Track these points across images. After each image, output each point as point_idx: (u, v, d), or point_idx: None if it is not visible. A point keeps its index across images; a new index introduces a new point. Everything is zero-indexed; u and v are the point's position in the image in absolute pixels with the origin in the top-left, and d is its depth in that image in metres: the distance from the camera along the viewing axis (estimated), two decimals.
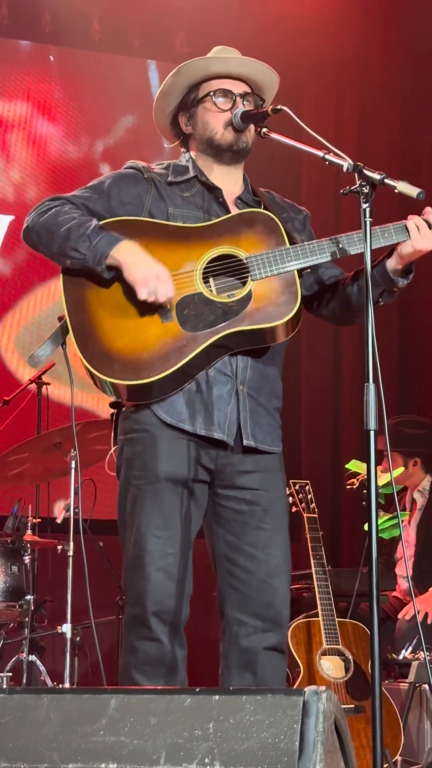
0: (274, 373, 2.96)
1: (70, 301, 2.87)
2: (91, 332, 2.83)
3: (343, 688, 4.24)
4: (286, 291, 2.83)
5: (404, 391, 6.77)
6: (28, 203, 6.89)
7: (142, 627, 2.80)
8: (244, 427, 2.86)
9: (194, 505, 2.86)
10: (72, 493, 4.54)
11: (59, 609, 4.66)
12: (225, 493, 2.89)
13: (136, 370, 2.78)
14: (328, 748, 1.72)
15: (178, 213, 2.93)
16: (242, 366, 2.87)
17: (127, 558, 2.86)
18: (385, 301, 2.96)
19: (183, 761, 1.71)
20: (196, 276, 2.84)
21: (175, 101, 3.04)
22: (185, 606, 2.83)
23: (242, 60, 3.00)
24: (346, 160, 2.69)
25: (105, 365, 2.79)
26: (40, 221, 2.89)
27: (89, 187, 2.99)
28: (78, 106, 7.12)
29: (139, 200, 2.94)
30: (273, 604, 2.86)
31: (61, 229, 2.83)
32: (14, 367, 6.79)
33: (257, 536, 2.87)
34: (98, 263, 2.80)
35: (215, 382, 2.84)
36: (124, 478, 2.90)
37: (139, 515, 2.83)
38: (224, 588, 2.90)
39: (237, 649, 2.86)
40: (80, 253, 2.81)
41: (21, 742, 1.78)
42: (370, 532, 2.51)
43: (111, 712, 1.78)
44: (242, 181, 3.06)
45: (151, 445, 2.84)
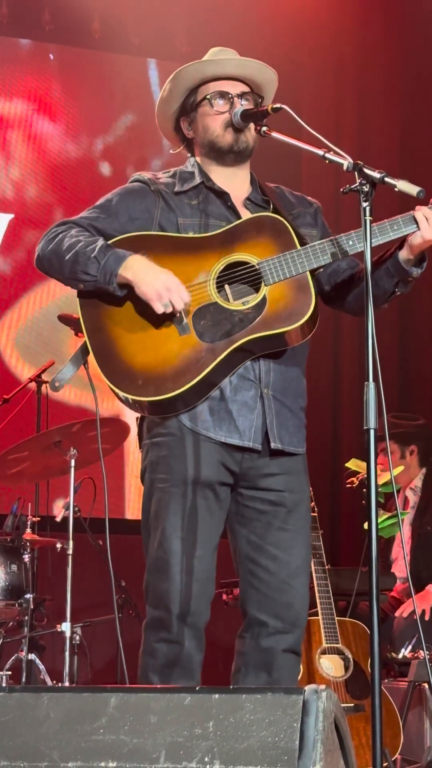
0: (297, 374, 2.96)
1: (88, 322, 2.89)
2: (111, 351, 2.85)
3: (342, 687, 4.24)
4: (301, 292, 2.84)
5: (404, 391, 6.77)
6: (28, 201, 6.89)
7: (164, 630, 2.81)
8: (271, 430, 2.86)
9: (218, 508, 2.87)
10: (71, 492, 4.53)
11: (59, 608, 4.66)
12: (249, 494, 2.90)
13: (159, 385, 2.80)
14: (328, 747, 1.72)
15: (188, 223, 2.93)
16: (265, 369, 2.88)
17: (151, 560, 2.87)
18: (401, 291, 2.96)
19: (183, 760, 1.71)
20: (209, 286, 2.85)
21: (175, 106, 3.04)
22: (207, 608, 2.85)
23: (239, 60, 3.00)
24: (346, 159, 2.69)
25: (127, 383, 2.82)
26: (48, 249, 2.90)
27: (96, 206, 3.00)
28: (78, 104, 7.12)
29: (148, 214, 2.94)
30: (293, 605, 2.88)
31: (69, 255, 2.85)
32: (14, 365, 6.78)
33: (280, 537, 2.88)
34: (109, 283, 2.81)
35: (239, 389, 2.85)
36: (148, 481, 2.91)
37: (163, 518, 2.84)
38: (246, 588, 2.92)
39: (256, 649, 2.88)
40: (90, 275, 2.82)
41: (21, 740, 1.78)
42: (370, 531, 2.51)
43: (111, 711, 1.78)
44: (249, 181, 3.06)
45: (177, 448, 2.85)
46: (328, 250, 2.86)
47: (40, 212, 6.89)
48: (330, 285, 3.05)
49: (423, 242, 2.85)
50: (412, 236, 2.86)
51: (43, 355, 6.43)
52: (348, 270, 3.04)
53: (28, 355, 6.76)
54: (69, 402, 6.44)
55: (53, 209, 6.91)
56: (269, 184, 3.09)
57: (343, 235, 2.87)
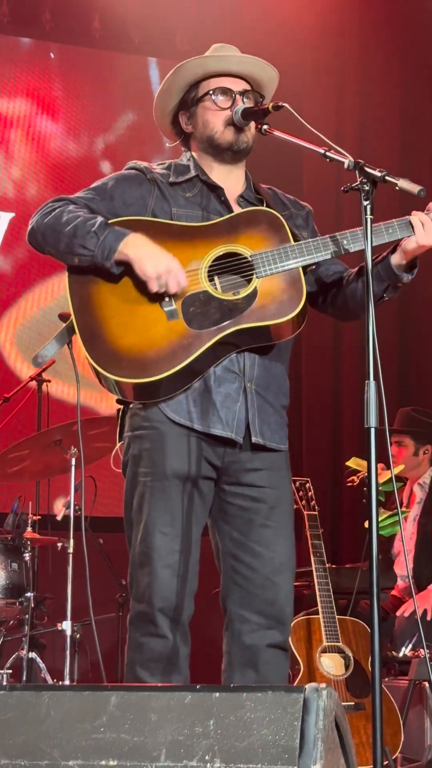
0: (281, 371, 2.96)
1: (75, 300, 2.86)
2: (98, 331, 2.82)
3: (343, 685, 4.24)
4: (292, 288, 2.83)
5: (404, 389, 6.77)
6: (29, 200, 6.89)
7: (148, 623, 2.80)
8: (252, 424, 2.86)
9: (201, 502, 2.86)
10: (72, 491, 4.54)
11: (59, 606, 4.67)
12: (231, 490, 2.89)
13: (143, 368, 2.78)
14: (329, 746, 1.72)
15: (181, 213, 2.93)
16: (249, 363, 2.87)
17: (134, 554, 2.86)
18: (389, 296, 2.96)
19: (183, 758, 1.71)
20: (201, 274, 2.84)
21: (175, 100, 3.03)
22: (190, 603, 2.83)
23: (241, 57, 2.99)
24: (347, 157, 2.69)
25: (111, 364, 2.79)
26: (44, 222, 2.88)
27: (92, 188, 2.99)
28: (78, 103, 7.12)
29: (143, 201, 2.94)
30: (276, 602, 2.86)
31: (67, 228, 2.83)
32: (14, 364, 6.79)
33: (262, 534, 2.87)
34: (107, 258, 2.80)
35: (223, 380, 2.84)
36: (131, 475, 2.90)
37: (146, 512, 2.83)
38: (228, 585, 2.90)
39: (240, 646, 2.86)
40: (88, 249, 2.80)
41: (21, 739, 1.78)
42: (371, 529, 2.51)
43: (111, 709, 1.78)
44: (244, 179, 3.05)
45: (159, 441, 2.83)
46: (322, 247, 2.86)
47: None
48: (317, 288, 3.05)
49: (417, 247, 2.84)
50: (406, 241, 2.85)
51: None
52: (336, 274, 3.04)
53: (29, 353, 6.75)
54: (69, 401, 6.44)
55: None
56: (263, 185, 3.09)
57: (338, 234, 2.87)
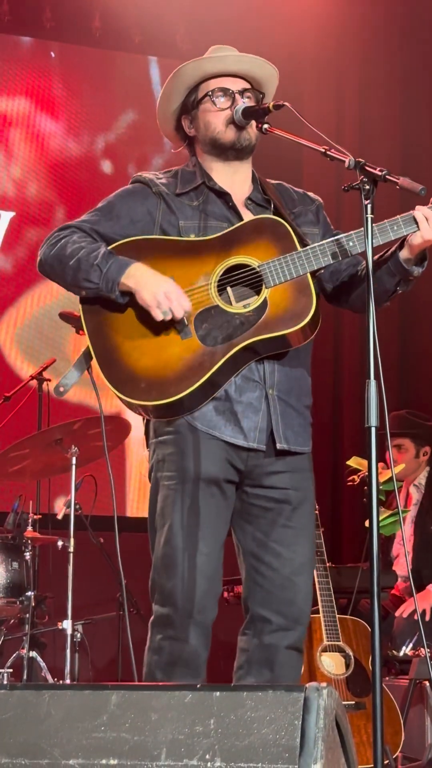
0: (302, 373, 2.96)
1: (90, 327, 2.90)
2: (114, 356, 2.85)
3: (343, 684, 4.24)
4: (301, 294, 2.83)
5: (404, 388, 6.76)
6: (29, 199, 6.89)
7: (171, 627, 2.81)
8: (276, 431, 2.87)
9: (225, 505, 2.88)
10: (72, 490, 4.54)
11: (60, 605, 4.66)
12: (254, 492, 2.91)
13: (162, 389, 2.80)
14: (329, 745, 1.72)
15: (189, 225, 2.93)
16: (270, 370, 2.88)
17: (157, 557, 2.86)
18: (402, 290, 2.96)
19: (184, 757, 1.71)
20: (211, 289, 2.85)
21: (176, 105, 3.03)
22: (214, 606, 2.84)
23: (238, 57, 2.99)
24: (348, 156, 2.69)
25: (131, 388, 2.82)
26: (51, 254, 2.91)
27: (98, 209, 3.00)
28: (79, 102, 7.12)
29: (150, 216, 2.95)
30: (295, 602, 2.88)
31: (71, 261, 2.85)
32: (15, 363, 6.79)
33: (284, 534, 2.88)
34: (111, 291, 2.83)
35: (244, 389, 2.85)
36: (155, 479, 2.92)
37: (170, 515, 2.84)
38: (249, 584, 2.92)
39: (259, 646, 2.88)
40: (92, 283, 2.84)
41: (22, 738, 1.78)
42: (371, 528, 2.51)
43: (112, 708, 1.78)
44: (251, 179, 3.05)
45: (183, 446, 2.85)
46: (328, 251, 2.85)
47: (42, 210, 6.90)
48: (333, 283, 3.05)
49: (423, 242, 2.84)
50: (412, 236, 2.85)
51: (45, 353, 6.43)
52: (350, 268, 3.03)
53: (30, 352, 6.76)
54: (70, 400, 6.42)
55: (54, 207, 6.91)
56: (271, 182, 3.08)
57: (343, 236, 2.86)
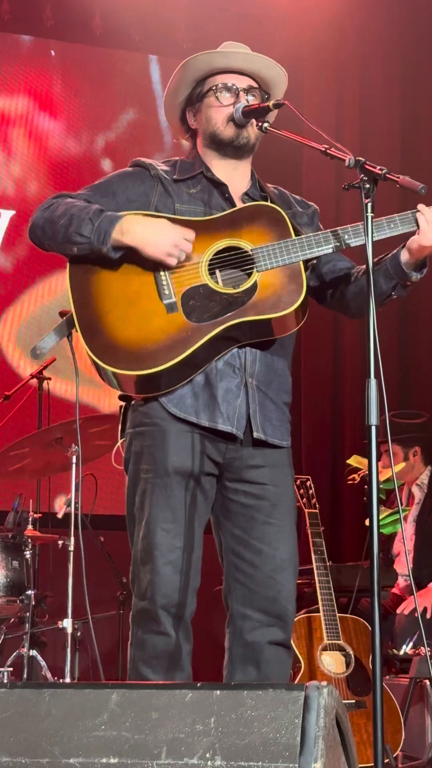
0: (282, 367, 2.96)
1: (75, 293, 2.88)
2: (97, 324, 2.84)
3: (343, 683, 4.24)
4: (292, 282, 2.83)
5: (404, 387, 6.76)
6: (29, 198, 6.89)
7: (150, 620, 2.81)
8: (254, 419, 2.86)
9: (202, 499, 2.87)
10: (73, 489, 4.54)
11: (60, 604, 4.66)
12: (233, 487, 2.89)
13: (141, 360, 2.79)
14: (330, 744, 1.72)
15: (184, 209, 2.93)
16: (251, 359, 2.87)
17: (136, 551, 2.87)
18: (398, 295, 2.95)
19: (184, 756, 1.71)
20: (201, 268, 2.85)
21: (183, 96, 3.04)
22: (192, 599, 2.84)
23: (247, 55, 2.99)
24: (348, 155, 2.68)
25: (109, 356, 2.80)
26: (42, 216, 2.91)
27: (94, 186, 3.01)
28: (79, 100, 7.11)
29: (146, 197, 2.95)
30: (278, 599, 2.86)
31: (63, 219, 2.85)
32: (15, 362, 6.79)
33: (264, 531, 2.87)
34: (103, 243, 2.81)
35: (224, 375, 2.85)
36: (132, 471, 2.90)
37: (148, 509, 2.83)
38: (230, 582, 2.91)
39: (241, 643, 2.87)
40: (84, 236, 2.82)
41: (22, 736, 1.78)
42: (371, 527, 2.51)
43: (112, 707, 1.78)
44: (249, 177, 3.06)
45: (161, 438, 2.84)
46: (323, 241, 2.86)
47: None
48: (325, 284, 3.05)
49: (420, 248, 2.83)
50: (410, 241, 2.85)
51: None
52: (344, 270, 3.03)
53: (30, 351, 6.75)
54: (70, 398, 6.43)
55: None
56: (269, 185, 3.09)
57: (339, 229, 2.86)
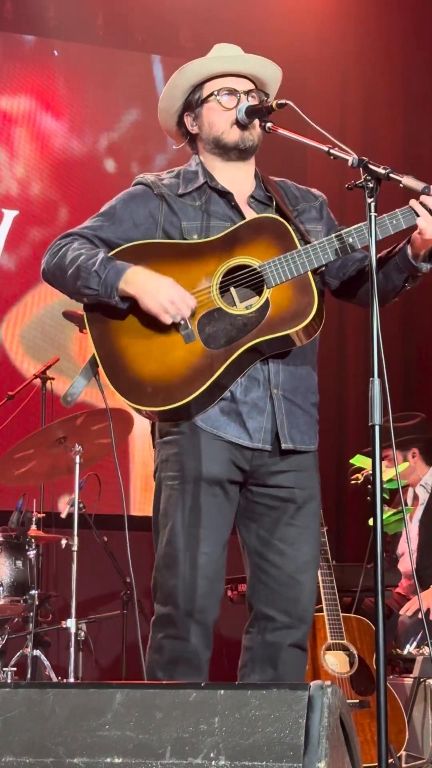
0: (307, 371, 2.96)
1: (94, 334, 2.91)
2: (119, 363, 2.86)
3: (347, 683, 4.24)
4: (303, 294, 2.83)
5: (407, 387, 6.76)
6: (32, 198, 6.89)
7: (172, 626, 2.81)
8: (281, 430, 2.87)
9: (228, 505, 2.88)
10: (76, 488, 4.54)
11: (64, 604, 4.67)
12: (259, 491, 2.91)
13: (168, 394, 2.81)
14: (334, 743, 1.72)
15: (191, 225, 2.93)
16: (274, 370, 2.88)
17: (160, 557, 2.87)
18: (411, 286, 2.95)
19: (188, 755, 1.71)
20: (213, 291, 2.85)
21: (179, 102, 3.03)
22: (216, 606, 2.85)
23: (244, 57, 2.99)
24: (352, 155, 2.68)
25: (137, 394, 2.84)
26: (52, 263, 2.93)
27: (100, 214, 3.01)
28: (82, 101, 7.12)
29: (152, 219, 2.95)
30: (300, 600, 2.88)
31: (71, 269, 2.87)
32: (19, 362, 6.79)
33: (288, 532, 2.88)
34: (110, 296, 2.83)
35: (249, 390, 2.86)
36: (159, 479, 2.92)
37: (173, 515, 2.84)
38: (254, 582, 2.92)
39: (263, 644, 2.88)
40: (92, 289, 2.84)
41: (26, 736, 1.79)
42: (375, 527, 2.51)
43: (116, 707, 1.78)
44: (253, 177, 3.05)
45: (187, 446, 2.85)
46: (328, 248, 2.85)
47: (45, 209, 6.90)
48: (339, 279, 3.04)
49: (423, 242, 2.83)
50: (413, 236, 2.85)
51: (48, 352, 6.44)
52: (357, 263, 3.02)
53: (33, 351, 6.76)
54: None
55: (58, 206, 6.91)
56: (273, 179, 3.08)
57: (343, 233, 2.86)
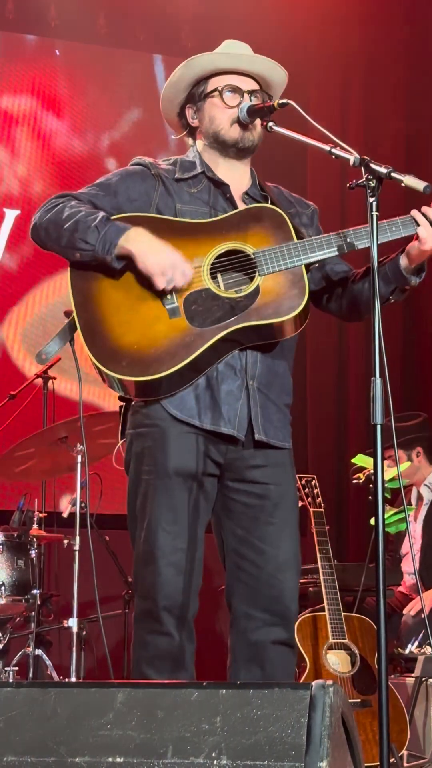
0: (284, 369, 2.96)
1: (77, 297, 2.87)
2: (99, 329, 2.83)
3: (349, 682, 4.24)
4: (294, 286, 2.83)
5: (408, 387, 6.76)
6: (34, 198, 6.89)
7: (153, 621, 2.81)
8: (255, 421, 2.85)
9: (204, 500, 2.87)
10: (78, 488, 4.54)
11: (65, 603, 4.67)
12: (235, 487, 2.90)
13: (144, 366, 2.78)
14: (335, 743, 1.72)
15: (185, 209, 2.93)
16: (252, 361, 2.87)
17: (137, 553, 2.87)
18: (396, 299, 2.95)
19: (190, 755, 1.71)
20: (203, 272, 2.84)
21: (183, 93, 3.04)
22: (195, 600, 2.84)
23: (252, 57, 3.00)
24: (353, 154, 2.68)
25: (113, 361, 2.79)
26: (46, 218, 2.89)
27: (96, 184, 3.00)
28: (84, 100, 7.12)
29: (147, 197, 2.94)
30: (281, 599, 2.86)
31: (68, 223, 2.83)
32: (20, 361, 6.79)
33: (266, 531, 2.87)
34: (107, 252, 2.79)
35: (225, 378, 2.84)
36: (133, 472, 2.90)
37: (149, 510, 2.83)
38: (232, 581, 2.91)
39: (245, 643, 2.87)
40: (89, 244, 2.80)
41: (28, 735, 1.79)
42: (377, 526, 2.51)
43: (118, 706, 1.78)
44: (249, 176, 3.05)
45: (161, 439, 2.84)
46: (325, 245, 2.86)
47: None
48: (322, 288, 3.05)
49: (420, 253, 2.83)
50: (409, 246, 2.85)
51: None
52: (342, 274, 3.03)
53: (35, 350, 6.69)
54: (75, 398, 6.44)
55: None
56: (268, 183, 3.09)
57: (342, 232, 2.86)
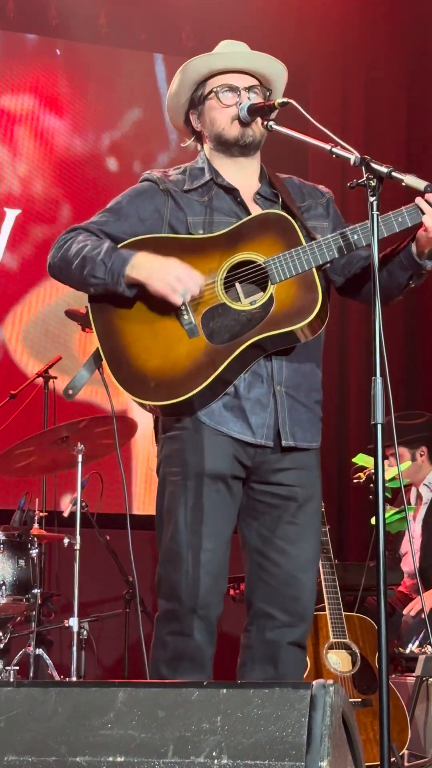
0: (311, 368, 2.96)
1: (99, 328, 2.92)
2: (123, 357, 2.88)
3: (350, 681, 4.24)
4: (308, 290, 2.83)
5: (409, 386, 6.76)
6: (35, 197, 6.89)
7: (175, 621, 2.82)
8: (283, 427, 2.87)
9: (231, 501, 2.88)
10: (79, 487, 4.55)
11: (66, 603, 4.67)
12: (260, 488, 2.91)
13: (171, 389, 2.81)
14: (336, 742, 1.72)
15: (197, 221, 2.94)
16: (278, 366, 2.88)
17: (163, 553, 2.88)
18: (415, 284, 2.95)
19: (191, 754, 1.71)
20: (217, 287, 2.86)
21: (185, 99, 3.04)
22: (219, 602, 2.85)
23: (246, 54, 2.99)
24: (354, 153, 2.68)
25: (140, 389, 2.84)
26: (58, 256, 2.94)
27: (106, 210, 3.02)
28: (84, 99, 7.12)
29: (158, 214, 2.96)
30: (300, 599, 2.89)
31: (77, 260, 2.88)
32: (21, 360, 6.79)
33: (289, 531, 2.89)
34: (117, 284, 2.83)
35: (252, 386, 2.86)
36: (162, 474, 2.93)
37: (176, 511, 2.85)
38: (253, 580, 2.92)
39: (262, 642, 2.89)
40: (98, 278, 2.85)
41: (29, 735, 1.79)
42: (377, 526, 2.51)
43: (119, 706, 1.78)
44: (259, 174, 3.05)
45: (190, 442, 2.86)
46: (333, 245, 2.85)
47: (47, 208, 6.90)
48: (344, 276, 3.04)
49: (429, 240, 2.83)
50: (418, 234, 2.85)
51: (51, 351, 6.44)
52: (363, 260, 3.01)
53: (36, 350, 6.76)
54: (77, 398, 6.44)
55: (60, 205, 6.91)
56: (280, 176, 3.08)
57: (348, 229, 2.86)
